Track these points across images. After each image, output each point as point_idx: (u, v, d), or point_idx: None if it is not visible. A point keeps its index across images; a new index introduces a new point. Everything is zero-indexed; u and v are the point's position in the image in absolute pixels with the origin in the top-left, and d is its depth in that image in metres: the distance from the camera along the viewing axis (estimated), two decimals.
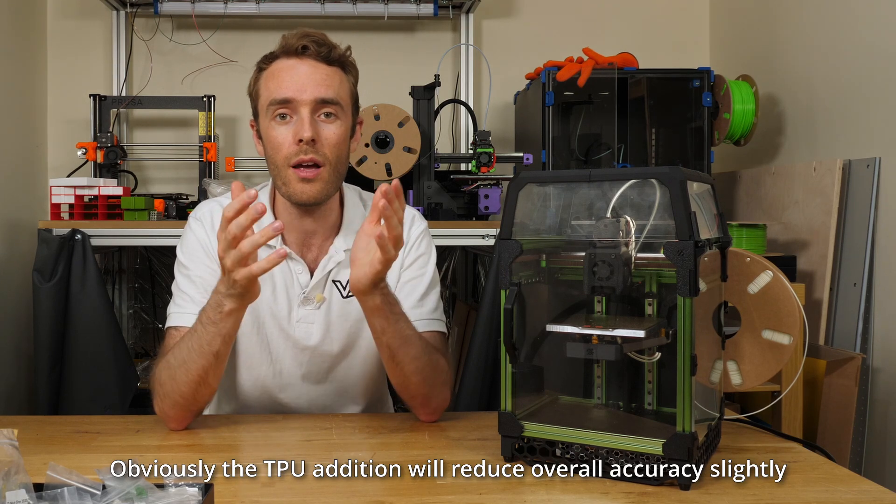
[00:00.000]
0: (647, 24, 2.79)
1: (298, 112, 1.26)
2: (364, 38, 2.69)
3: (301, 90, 1.26)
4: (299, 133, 1.25)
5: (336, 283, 1.36)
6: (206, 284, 1.30)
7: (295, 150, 1.26)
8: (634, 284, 1.06)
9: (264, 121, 1.30)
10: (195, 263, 1.33)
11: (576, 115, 2.33)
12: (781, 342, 1.13)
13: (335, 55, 1.30)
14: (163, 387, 1.21)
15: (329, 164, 1.28)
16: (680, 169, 0.97)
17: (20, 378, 2.34)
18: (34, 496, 0.76)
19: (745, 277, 1.15)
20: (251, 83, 1.34)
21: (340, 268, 1.36)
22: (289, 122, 1.27)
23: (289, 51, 1.28)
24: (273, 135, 1.28)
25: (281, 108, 1.27)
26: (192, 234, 1.36)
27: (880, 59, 1.90)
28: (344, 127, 1.31)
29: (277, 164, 1.29)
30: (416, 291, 1.38)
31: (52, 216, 2.14)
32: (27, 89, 2.49)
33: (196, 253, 1.34)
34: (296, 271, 1.34)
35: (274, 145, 1.28)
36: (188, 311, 1.30)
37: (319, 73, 1.28)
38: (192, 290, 1.32)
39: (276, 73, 1.29)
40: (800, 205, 2.12)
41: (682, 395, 0.96)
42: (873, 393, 1.87)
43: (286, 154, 1.27)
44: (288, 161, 1.27)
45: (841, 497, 0.95)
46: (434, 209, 2.18)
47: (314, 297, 1.35)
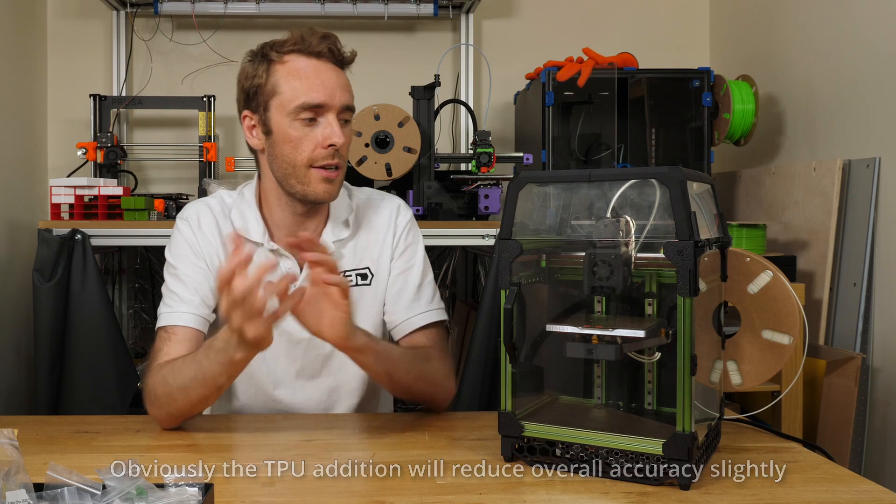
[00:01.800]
0: (647, 24, 2.79)
1: (325, 116, 1.28)
2: (364, 38, 2.69)
3: (331, 96, 1.28)
4: (331, 138, 1.27)
5: None
6: (194, 283, 1.33)
7: (323, 153, 1.28)
8: (634, 284, 1.06)
9: (283, 119, 1.28)
10: (183, 263, 1.35)
11: (576, 115, 2.33)
12: (781, 342, 1.13)
13: (347, 60, 1.33)
14: (158, 399, 1.22)
15: (344, 165, 1.32)
16: (680, 169, 0.97)
17: (20, 378, 2.34)
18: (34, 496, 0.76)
19: (745, 277, 1.15)
20: (255, 73, 1.30)
21: None
22: (314, 124, 1.28)
23: (308, 50, 1.28)
24: (297, 136, 1.28)
25: (310, 111, 1.27)
26: (178, 235, 1.37)
27: (880, 59, 1.90)
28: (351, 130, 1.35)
29: (296, 164, 1.29)
30: (409, 284, 1.40)
31: (52, 216, 2.14)
32: (27, 89, 2.49)
33: (184, 252, 1.36)
34: (285, 267, 1.35)
35: (296, 146, 1.28)
36: (177, 310, 1.31)
37: (343, 79, 1.31)
38: (181, 289, 1.33)
39: (300, 73, 1.28)
40: (800, 205, 2.12)
41: (682, 395, 0.96)
42: (873, 393, 1.87)
43: (311, 156, 1.28)
44: (312, 162, 1.28)
45: (841, 497, 0.95)
46: (434, 209, 2.18)
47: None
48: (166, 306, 1.34)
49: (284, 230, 1.36)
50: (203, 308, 1.32)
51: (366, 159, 2.10)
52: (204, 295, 1.33)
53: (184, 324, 1.30)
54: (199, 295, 1.32)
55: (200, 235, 1.36)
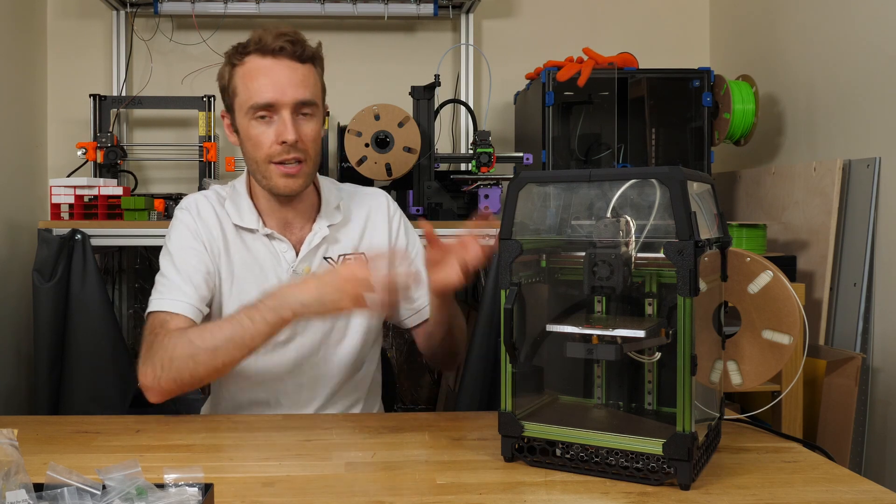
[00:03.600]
0: (647, 24, 2.79)
1: (279, 113, 1.31)
2: (364, 38, 2.69)
3: (281, 93, 1.30)
4: (283, 135, 1.31)
5: (328, 259, 1.43)
6: (193, 271, 1.35)
7: (278, 149, 1.32)
8: (634, 284, 1.06)
9: (243, 119, 1.34)
10: (183, 250, 1.37)
11: (576, 115, 2.33)
12: (781, 342, 1.13)
13: (308, 53, 1.34)
14: (173, 361, 1.21)
15: (309, 158, 1.35)
16: (680, 169, 0.97)
17: (20, 378, 2.34)
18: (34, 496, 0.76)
19: (745, 277, 1.15)
20: (223, 76, 1.37)
21: (329, 244, 1.43)
22: (269, 121, 1.32)
23: (264, 49, 1.31)
24: (254, 134, 1.33)
25: (262, 110, 1.31)
26: (179, 223, 1.40)
27: (880, 59, 1.90)
28: (319, 122, 1.37)
29: (258, 161, 1.35)
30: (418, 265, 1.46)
31: (52, 216, 2.14)
32: (27, 89, 2.49)
33: (184, 236, 1.38)
34: (280, 250, 1.40)
35: (255, 144, 1.33)
36: (168, 297, 1.32)
37: (297, 75, 1.32)
38: (175, 276, 1.35)
39: (253, 73, 1.32)
40: (800, 205, 2.12)
41: (682, 395, 0.96)
42: (873, 393, 1.87)
43: (268, 153, 1.33)
44: (270, 158, 1.33)
45: (841, 497, 0.95)
46: (434, 209, 2.18)
47: (302, 271, 1.40)
48: (158, 292, 1.34)
49: (273, 217, 1.42)
50: (198, 300, 1.34)
51: (366, 159, 2.10)
52: (198, 284, 1.34)
53: (182, 312, 1.31)
54: (195, 286, 1.34)
55: (200, 222, 1.40)
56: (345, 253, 1.44)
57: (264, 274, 1.40)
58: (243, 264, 1.40)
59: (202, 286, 1.35)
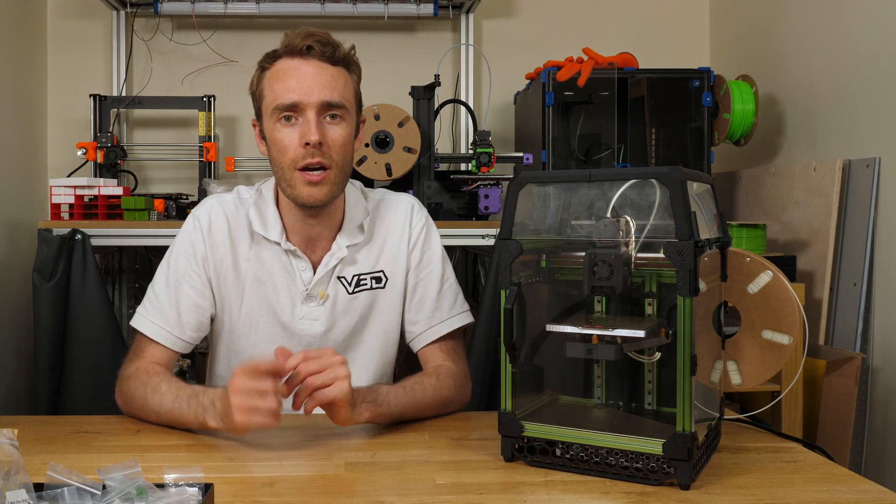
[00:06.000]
0: (647, 24, 2.79)
1: (304, 115, 1.25)
2: (364, 38, 2.69)
3: (307, 93, 1.24)
4: (306, 136, 1.24)
5: (341, 279, 1.37)
6: (179, 297, 1.33)
7: (301, 153, 1.25)
8: (634, 284, 1.06)
9: (269, 123, 1.28)
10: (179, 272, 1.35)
11: (576, 115, 2.33)
12: (781, 342, 1.13)
13: (339, 55, 1.28)
14: (133, 401, 1.27)
15: (336, 166, 1.28)
16: (680, 169, 0.97)
17: (20, 378, 2.34)
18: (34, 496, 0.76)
19: (745, 277, 1.15)
20: (253, 82, 1.32)
21: (345, 264, 1.37)
22: (294, 124, 1.26)
23: (293, 50, 1.26)
24: (279, 137, 1.27)
25: (287, 111, 1.26)
26: (187, 238, 1.37)
27: (880, 59, 1.90)
28: (349, 128, 1.30)
29: (283, 167, 1.28)
30: (429, 293, 1.40)
31: (52, 216, 2.14)
32: (27, 89, 2.49)
33: (186, 259, 1.36)
34: (298, 268, 1.35)
35: (280, 148, 1.27)
36: (152, 319, 1.33)
37: (325, 75, 1.26)
38: (164, 296, 1.34)
39: (280, 74, 1.26)
40: (800, 205, 2.12)
41: (682, 395, 0.96)
42: (873, 393, 1.87)
43: (293, 157, 1.26)
44: (294, 164, 1.26)
45: (841, 497, 0.95)
46: (434, 209, 2.18)
47: (317, 294, 1.35)
48: (144, 308, 1.35)
49: (298, 233, 1.35)
50: (179, 329, 1.33)
51: (366, 159, 2.10)
52: (184, 310, 1.33)
53: (161, 342, 1.32)
54: (180, 312, 1.33)
55: (209, 241, 1.35)
56: (360, 273, 1.37)
57: (276, 291, 1.35)
58: (255, 279, 1.35)
59: (188, 314, 1.33)
